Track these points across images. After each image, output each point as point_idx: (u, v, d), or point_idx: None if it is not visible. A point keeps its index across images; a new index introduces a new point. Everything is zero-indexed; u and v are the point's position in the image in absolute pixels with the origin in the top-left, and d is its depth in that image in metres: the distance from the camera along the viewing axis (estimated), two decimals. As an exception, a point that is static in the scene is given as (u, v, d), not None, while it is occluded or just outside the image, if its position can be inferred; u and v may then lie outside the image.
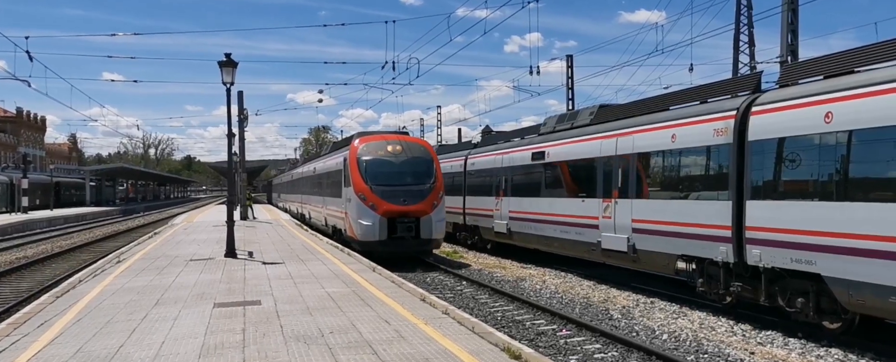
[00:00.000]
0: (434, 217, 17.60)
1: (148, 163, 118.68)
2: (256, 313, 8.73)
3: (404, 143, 18.82)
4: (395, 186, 17.61)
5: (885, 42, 8.83)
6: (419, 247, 17.59)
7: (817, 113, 8.89)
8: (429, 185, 17.88)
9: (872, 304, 8.22)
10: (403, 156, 18.31)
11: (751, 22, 22.45)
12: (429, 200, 17.66)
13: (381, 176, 17.84)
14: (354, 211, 17.72)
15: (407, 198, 17.40)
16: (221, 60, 15.99)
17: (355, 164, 18.10)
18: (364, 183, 17.66)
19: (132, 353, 6.68)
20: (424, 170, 18.29)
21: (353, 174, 18.03)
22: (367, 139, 19.13)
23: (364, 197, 17.46)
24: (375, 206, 17.30)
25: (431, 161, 18.61)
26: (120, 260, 15.65)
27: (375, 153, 18.32)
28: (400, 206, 17.28)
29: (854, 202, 8.32)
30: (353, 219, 17.81)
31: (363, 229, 17.32)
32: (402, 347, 6.79)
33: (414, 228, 17.32)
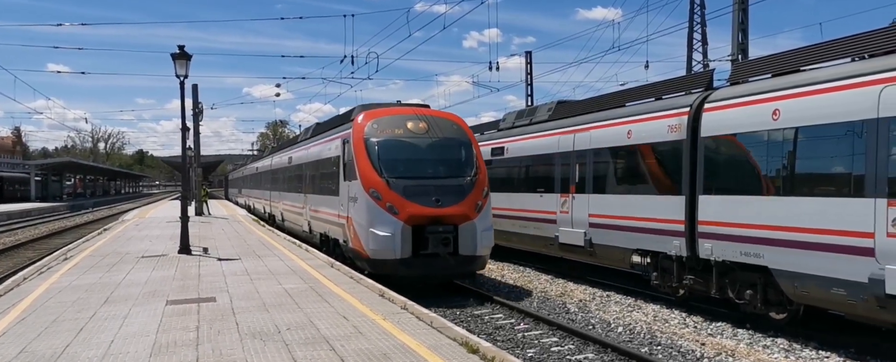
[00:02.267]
0: (479, 224, 12.17)
1: (97, 157, 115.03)
2: (211, 310, 8.56)
3: (430, 119, 13.30)
4: (422, 179, 12.33)
5: (828, 42, 9.16)
6: (459, 267, 12.11)
7: (765, 110, 9.16)
8: (470, 178, 12.54)
9: (815, 295, 8.53)
10: (431, 137, 12.96)
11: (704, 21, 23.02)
12: (471, 199, 12.27)
13: (403, 165, 12.55)
14: (363, 215, 12.26)
15: (440, 196, 12.06)
16: (174, 53, 15.59)
17: (363, 148, 12.68)
18: (377, 174, 12.27)
19: (79, 353, 6.47)
20: (461, 155, 12.99)
21: (360, 162, 12.59)
22: (375, 113, 13.41)
23: (378, 194, 12.07)
24: (395, 209, 11.89)
25: (469, 143, 13.20)
26: (67, 257, 15.13)
27: (391, 132, 12.93)
28: (431, 209, 11.89)
29: (798, 197, 8.62)
30: (362, 228, 12.30)
31: (378, 242, 11.86)
32: (360, 343, 6.75)
33: (451, 240, 11.89)
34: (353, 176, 12.83)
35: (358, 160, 12.68)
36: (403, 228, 11.81)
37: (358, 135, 12.97)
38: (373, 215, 12.05)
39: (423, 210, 11.88)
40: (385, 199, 11.99)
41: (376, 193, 12.10)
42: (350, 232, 13.02)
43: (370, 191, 12.18)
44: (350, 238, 13.05)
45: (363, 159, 12.61)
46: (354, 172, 12.75)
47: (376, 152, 12.60)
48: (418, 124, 13.09)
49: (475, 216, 12.17)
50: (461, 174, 12.63)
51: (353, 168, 12.88)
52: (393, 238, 11.79)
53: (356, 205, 12.62)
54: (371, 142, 12.76)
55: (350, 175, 13.13)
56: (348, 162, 13.31)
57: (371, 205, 12.08)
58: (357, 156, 12.73)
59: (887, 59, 7.89)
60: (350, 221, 13.03)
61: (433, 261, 11.92)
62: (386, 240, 11.82)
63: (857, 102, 7.86)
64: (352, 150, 13.00)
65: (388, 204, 11.97)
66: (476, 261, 12.27)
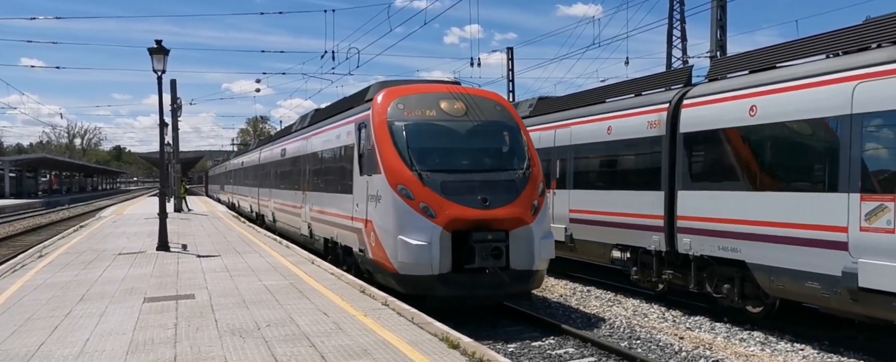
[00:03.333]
0: (537, 230, 9.64)
1: (73, 153, 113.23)
2: (190, 307, 8.48)
3: (468, 98, 10.79)
4: (464, 173, 9.88)
5: (804, 39, 9.29)
6: (512, 285, 9.48)
7: (742, 106, 9.28)
8: (522, 172, 10.02)
9: (790, 289, 8.67)
10: (471, 120, 10.50)
11: (683, 17, 23.22)
12: (525, 198, 9.75)
13: (439, 155, 10.16)
14: (390, 218, 9.75)
15: (488, 194, 9.57)
16: (152, 47, 15.38)
17: (387, 135, 10.22)
18: (407, 167, 9.78)
19: (54, 351, 6.37)
20: (510, 143, 10.54)
21: (384, 152, 10.11)
22: (400, 91, 10.87)
23: (409, 192, 9.59)
24: (432, 210, 9.42)
25: (518, 128, 10.69)
26: (42, 254, 14.89)
27: (422, 114, 10.44)
28: (478, 211, 9.43)
29: (774, 192, 8.75)
30: (387, 234, 9.78)
31: (409, 253, 9.36)
32: (341, 339, 6.74)
33: (502, 251, 9.38)
34: (374, 169, 10.25)
35: (381, 149, 10.13)
36: (442, 235, 9.25)
37: (380, 119, 10.41)
38: (402, 218, 9.49)
39: (467, 212, 9.35)
40: (418, 198, 9.45)
41: (407, 191, 9.56)
42: (369, 239, 10.39)
43: (398, 187, 9.64)
44: (369, 246, 10.43)
45: (387, 148, 10.07)
46: (376, 164, 10.19)
47: (405, 139, 10.05)
48: (454, 104, 10.54)
49: (531, 219, 9.59)
50: (511, 166, 10.11)
51: (373, 159, 10.33)
52: (429, 248, 9.22)
53: (379, 206, 10.01)
54: (397, 126, 10.22)
55: (369, 168, 10.51)
56: (366, 152, 10.78)
57: (400, 205, 9.56)
58: (379, 144, 10.20)
59: (860, 56, 8.02)
60: (369, 226, 10.35)
61: (479, 279, 9.33)
62: (420, 251, 9.24)
63: (831, 99, 7.99)
64: (372, 137, 10.42)
65: (421, 204, 9.43)
66: (532, 278, 9.62)
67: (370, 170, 10.50)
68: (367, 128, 10.77)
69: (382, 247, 9.89)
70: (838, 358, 8.34)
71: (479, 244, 9.30)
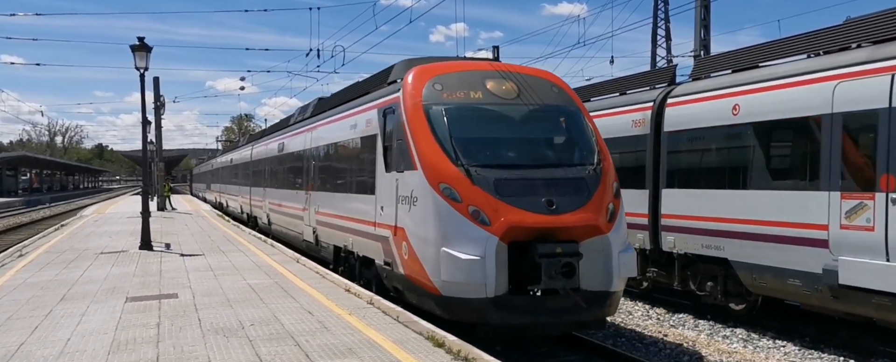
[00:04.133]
0: (614, 239, 7.78)
1: (54, 151, 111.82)
2: (173, 306, 8.40)
3: (519, 77, 8.94)
4: (522, 169, 8.03)
5: (785, 39, 9.40)
6: (589, 311, 7.57)
7: (725, 105, 9.36)
8: (592, 167, 8.17)
9: (773, 286, 8.77)
10: (525, 104, 8.69)
11: (667, 17, 23.40)
12: (598, 200, 7.88)
13: (491, 146, 8.33)
14: (429, 224, 7.88)
15: (554, 195, 7.72)
16: (134, 44, 15.22)
17: (423, 122, 8.37)
18: (451, 161, 7.95)
19: (34, 351, 6.29)
20: (574, 132, 8.68)
21: (420, 143, 8.24)
22: (435, 69, 9.02)
23: (454, 192, 7.75)
24: (485, 215, 7.55)
25: (581, 114, 8.86)
26: (22, 253, 14.69)
27: (466, 96, 8.61)
28: (543, 216, 7.55)
29: (756, 190, 8.84)
30: (426, 244, 7.92)
31: (456, 269, 7.48)
32: (326, 338, 6.71)
33: (574, 268, 7.46)
34: (407, 163, 8.33)
35: (416, 139, 8.23)
36: (498, 247, 7.34)
37: (413, 102, 8.53)
38: (447, 225, 7.59)
39: (529, 218, 7.44)
40: (466, 200, 7.58)
41: (452, 191, 7.67)
42: (400, 250, 8.47)
43: (441, 186, 7.74)
44: (399, 259, 8.50)
45: (425, 138, 8.16)
46: (410, 158, 8.27)
47: (446, 127, 8.17)
48: (503, 84, 8.70)
49: (608, 228, 7.72)
50: (579, 160, 8.26)
51: (405, 152, 8.40)
52: (482, 263, 7.28)
53: (415, 210, 8.11)
54: (435, 111, 8.34)
55: (400, 162, 8.59)
56: (395, 143, 8.80)
57: (443, 209, 7.65)
58: (414, 133, 8.29)
59: (841, 55, 8.12)
60: (400, 234, 8.43)
61: (546, 303, 7.50)
62: (471, 267, 7.30)
63: (812, 98, 8.08)
64: (403, 125, 8.51)
65: (471, 207, 7.53)
66: (609, 302, 7.71)
67: (401, 165, 8.53)
68: (397, 114, 8.80)
69: (419, 262, 7.92)
70: (819, 354, 8.45)
71: (547, 258, 7.28)
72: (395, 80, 9.61)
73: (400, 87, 8.98)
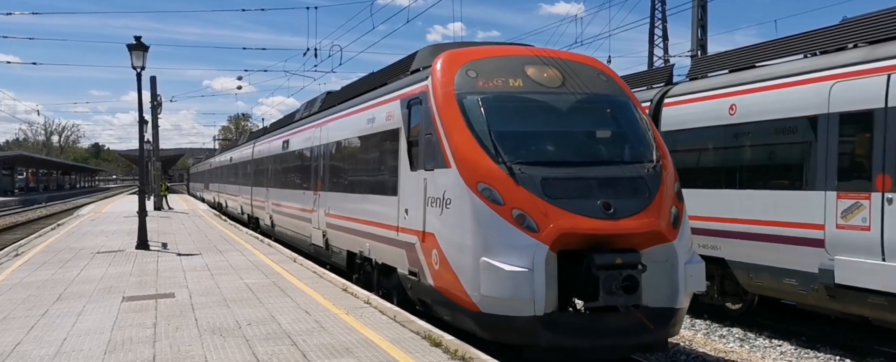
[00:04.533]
0: (680, 248, 6.88)
1: (51, 151, 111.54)
2: (169, 306, 8.39)
3: (562, 63, 8.00)
4: (572, 167, 7.15)
5: (782, 39, 9.43)
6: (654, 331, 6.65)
7: (722, 105, 9.38)
8: (651, 165, 7.25)
9: (769, 286, 8.79)
10: (571, 93, 7.74)
11: (665, 17, 23.43)
12: (661, 203, 6.97)
13: (536, 141, 7.49)
14: (468, 230, 6.94)
15: (609, 196, 6.84)
16: (131, 44, 15.23)
17: (458, 113, 7.43)
18: (490, 158, 7.02)
19: (31, 351, 6.28)
20: (628, 125, 7.74)
21: (454, 137, 7.31)
22: (468, 54, 8.09)
23: (495, 194, 6.83)
24: (532, 220, 6.64)
25: (633, 105, 7.94)
26: (18, 253, 14.66)
27: (505, 85, 7.66)
28: (598, 221, 6.67)
29: (753, 190, 8.86)
30: (462, 253, 6.99)
31: (499, 283, 6.53)
32: (323, 337, 6.71)
33: (637, 281, 6.60)
34: (438, 160, 7.41)
35: (450, 133, 7.27)
36: (548, 257, 6.42)
37: (444, 91, 7.57)
38: (487, 231, 6.66)
39: (584, 223, 6.52)
40: (510, 203, 6.62)
41: (492, 192, 6.72)
42: (429, 258, 7.53)
43: (479, 187, 6.80)
44: (428, 269, 7.57)
45: (459, 131, 7.21)
46: (441, 155, 7.33)
47: (484, 119, 7.22)
48: (545, 71, 7.74)
49: (673, 234, 6.80)
50: (635, 157, 7.31)
51: (436, 147, 7.46)
52: (529, 276, 6.34)
53: (448, 213, 7.15)
54: (471, 101, 7.37)
55: (429, 159, 7.66)
56: (423, 138, 7.86)
57: (483, 212, 6.70)
58: (447, 125, 7.34)
59: (837, 55, 8.15)
60: (430, 240, 7.50)
61: (603, 322, 6.60)
62: (516, 281, 6.35)
63: (809, 98, 8.11)
64: (433, 117, 7.57)
65: (515, 211, 6.58)
66: (673, 321, 6.77)
67: (430, 162, 7.59)
68: (425, 104, 7.86)
69: (453, 272, 6.97)
70: (815, 353, 8.47)
71: (605, 271, 6.39)
72: (419, 68, 8.79)
73: (428, 74, 8.03)
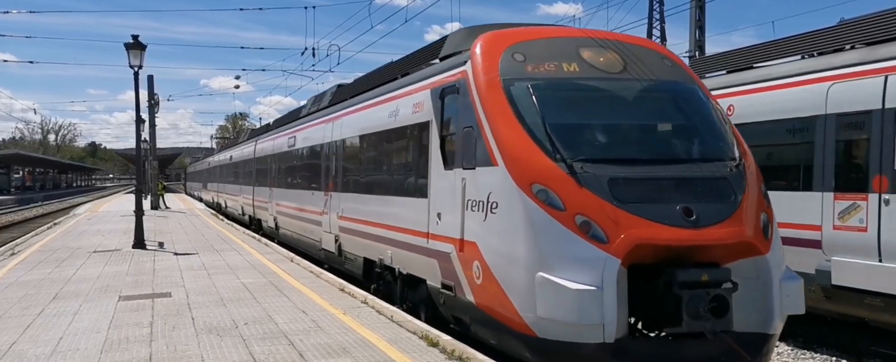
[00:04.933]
0: (773, 262, 5.89)
1: (47, 149, 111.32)
2: (166, 305, 8.38)
3: (620, 46, 7.06)
4: (643, 165, 6.09)
5: (780, 40, 9.44)
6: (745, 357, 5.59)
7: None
8: (733, 163, 6.27)
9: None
10: (635, 79, 6.78)
11: (662, 17, 23.44)
12: (749, 208, 5.98)
13: (600, 134, 6.48)
14: (520, 238, 5.87)
15: (689, 200, 5.76)
16: (128, 42, 15.21)
17: (504, 102, 6.41)
18: (548, 155, 5.96)
19: (26, 350, 6.26)
20: (699, 116, 6.77)
21: (501, 129, 6.29)
22: (512, 36, 7.11)
23: (553, 196, 5.77)
24: (598, 227, 5.58)
25: (703, 94, 7.02)
26: (14, 252, 14.62)
27: (559, 70, 6.69)
28: (680, 230, 5.58)
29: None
30: (514, 266, 5.89)
31: (561, 302, 5.42)
32: (319, 337, 6.70)
33: (725, 303, 5.50)
34: (480, 157, 6.43)
35: (495, 125, 6.28)
36: (620, 273, 5.46)
37: (487, 77, 6.56)
38: (544, 241, 5.66)
39: (663, 232, 5.53)
40: (572, 207, 5.64)
41: (549, 193, 5.74)
42: (469, 270, 6.53)
43: (533, 187, 5.81)
44: (467, 283, 6.59)
45: (507, 123, 6.22)
46: (485, 150, 6.34)
47: (536, 108, 6.23)
48: (602, 55, 6.78)
49: (765, 246, 5.87)
50: (715, 154, 6.32)
51: (476, 142, 6.50)
52: (598, 296, 5.33)
53: (493, 219, 6.16)
54: (520, 89, 6.40)
55: (467, 156, 6.67)
56: (458, 131, 6.92)
57: (539, 218, 5.71)
58: (490, 116, 6.34)
59: (835, 57, 8.16)
60: (470, 250, 6.52)
61: (685, 350, 5.67)
62: (582, 301, 5.33)
63: (806, 99, 8.12)
64: (474, 107, 6.59)
65: (579, 216, 5.61)
66: (766, 349, 5.91)
67: (471, 159, 6.59)
68: (462, 93, 6.87)
69: (500, 288, 5.98)
70: (812, 354, 8.48)
71: (689, 290, 5.41)
72: (452, 53, 7.79)
73: (465, 59, 7.00)
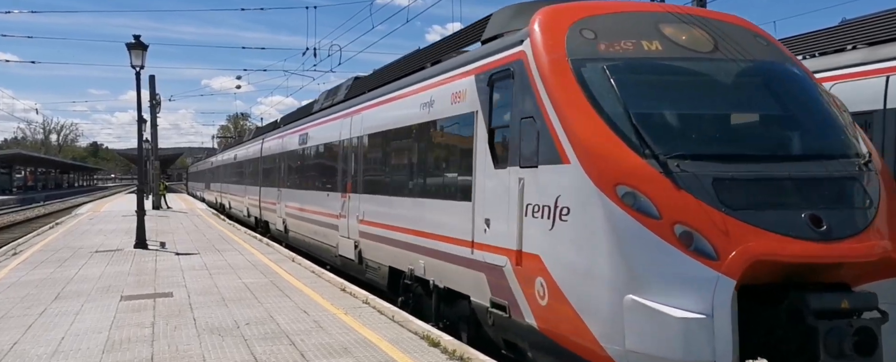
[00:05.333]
0: None
1: (49, 149, 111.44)
2: (168, 305, 8.39)
3: (706, 22, 5.93)
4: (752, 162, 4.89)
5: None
6: None
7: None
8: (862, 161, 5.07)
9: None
10: (732, 61, 5.60)
11: (664, 19, 23.40)
12: (888, 216, 4.85)
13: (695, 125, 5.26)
14: (602, 252, 4.77)
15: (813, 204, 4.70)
16: (130, 42, 15.23)
17: (574, 86, 5.31)
18: (635, 150, 4.86)
19: (28, 350, 6.27)
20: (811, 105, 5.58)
21: (572, 118, 5.19)
22: (578, 11, 5.96)
23: (642, 200, 4.71)
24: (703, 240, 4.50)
25: (808, 78, 5.93)
26: (16, 252, 14.64)
27: (638, 49, 5.55)
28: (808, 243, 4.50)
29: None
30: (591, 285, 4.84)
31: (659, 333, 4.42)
32: (321, 337, 6.70)
33: (872, 337, 4.36)
34: (545, 153, 5.44)
35: (565, 114, 5.28)
36: (733, 297, 4.47)
37: (552, 58, 5.56)
38: (635, 255, 4.71)
39: (789, 246, 4.58)
40: (670, 214, 4.68)
41: (638, 197, 4.78)
42: (529, 288, 5.53)
43: (618, 189, 4.83)
44: (526, 303, 5.60)
45: (581, 111, 5.22)
46: (553, 145, 5.33)
47: (617, 94, 5.24)
48: (688, 32, 5.78)
49: None
50: (839, 149, 5.26)
51: (539, 135, 5.51)
52: (708, 326, 4.41)
53: (564, 227, 5.19)
54: (593, 70, 5.41)
55: (529, 152, 5.64)
56: (516, 123, 5.88)
57: (627, 227, 4.74)
58: (559, 104, 5.34)
59: (836, 57, 8.15)
60: (531, 263, 5.53)
61: None
62: (688, 333, 4.42)
63: (808, 99, 8.09)
64: (536, 93, 5.59)
65: (679, 226, 4.64)
66: None
67: (531, 156, 5.58)
68: (520, 78, 5.82)
69: (575, 313, 4.96)
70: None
71: (827, 320, 4.41)
72: (501, 34, 6.82)
73: (522, 37, 5.95)
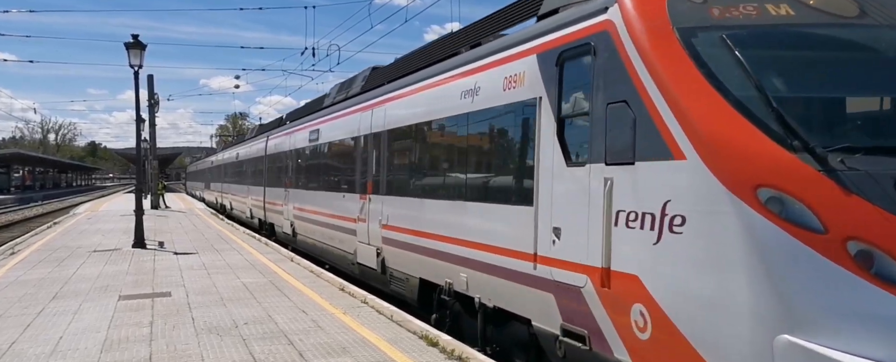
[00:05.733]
0: None
1: (47, 149, 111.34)
2: (166, 305, 8.38)
3: None
4: None
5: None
6: None
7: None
8: None
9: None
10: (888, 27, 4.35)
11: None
12: None
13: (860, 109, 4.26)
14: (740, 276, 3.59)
15: None
16: (128, 42, 15.23)
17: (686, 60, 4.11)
18: (781, 142, 3.66)
19: (26, 350, 6.26)
20: None
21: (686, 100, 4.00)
22: None
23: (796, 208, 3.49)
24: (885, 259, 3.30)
25: None
26: (14, 251, 14.63)
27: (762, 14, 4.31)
28: None
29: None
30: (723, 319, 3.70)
31: None
32: (319, 337, 6.70)
33: None
34: (645, 146, 4.38)
35: (675, 96, 4.14)
36: None
37: (652, 25, 4.48)
38: (790, 280, 3.52)
39: None
40: (837, 227, 3.49)
41: (791, 204, 3.58)
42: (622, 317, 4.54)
43: (760, 193, 3.64)
44: (617, 336, 4.63)
45: (698, 92, 4.09)
46: (657, 135, 4.25)
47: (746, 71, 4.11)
48: None
49: None
50: None
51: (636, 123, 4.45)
52: None
53: (675, 241, 4.10)
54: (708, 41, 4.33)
55: (620, 145, 4.61)
56: (598, 110, 4.84)
57: (776, 241, 3.55)
58: (666, 83, 4.23)
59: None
60: (625, 285, 4.50)
61: None
62: None
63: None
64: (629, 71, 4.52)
65: (853, 242, 3.45)
66: None
67: (626, 150, 4.56)
68: (606, 53, 4.78)
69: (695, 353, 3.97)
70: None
71: None
72: (564, 5, 5.72)
73: (608, 3, 4.84)
